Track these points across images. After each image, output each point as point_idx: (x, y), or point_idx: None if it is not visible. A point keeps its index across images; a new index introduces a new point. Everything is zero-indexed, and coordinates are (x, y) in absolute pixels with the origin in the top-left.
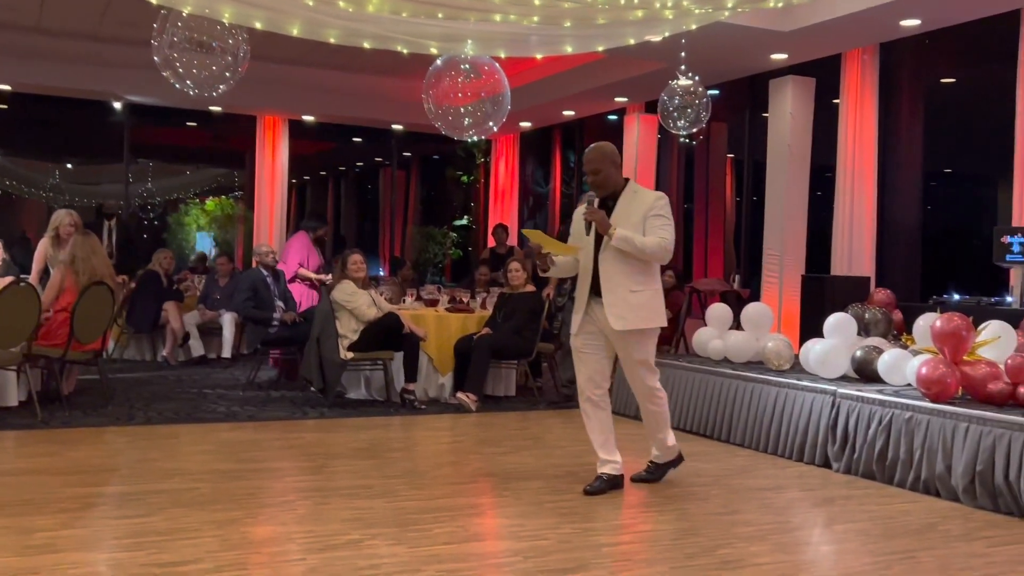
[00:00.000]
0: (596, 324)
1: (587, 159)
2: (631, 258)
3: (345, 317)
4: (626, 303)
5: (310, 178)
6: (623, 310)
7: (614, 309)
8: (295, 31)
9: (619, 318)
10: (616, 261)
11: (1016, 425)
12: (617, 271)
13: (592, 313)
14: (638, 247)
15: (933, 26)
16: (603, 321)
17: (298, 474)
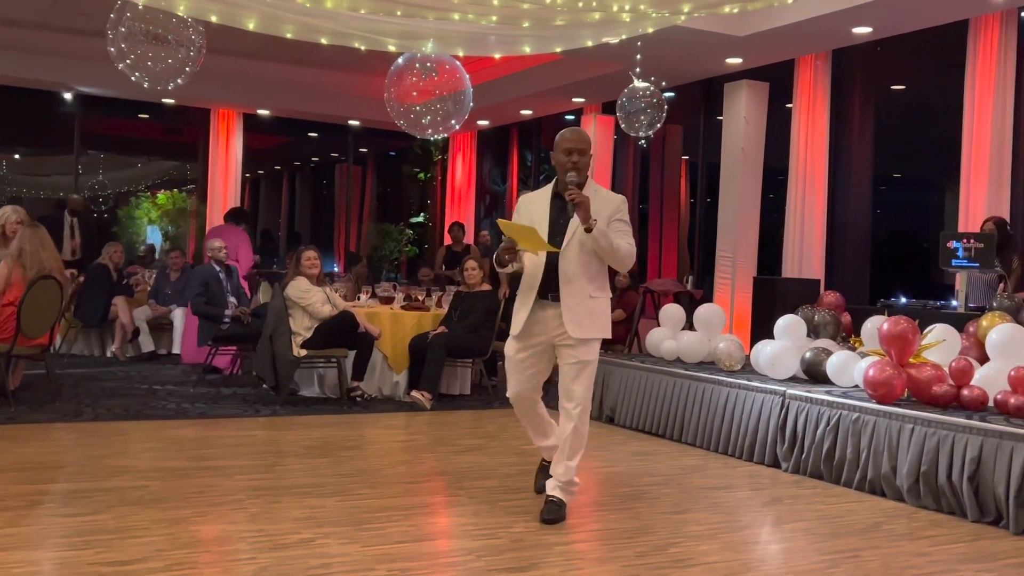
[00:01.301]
0: (543, 330)
1: (571, 138)
2: (594, 260)
3: (298, 314)
4: (585, 308)
5: (264, 172)
6: (581, 316)
7: (572, 314)
8: (251, 25)
9: (577, 325)
10: (580, 261)
11: (959, 427)
12: (579, 272)
13: (540, 316)
14: (613, 247)
15: (884, 34)
16: (553, 327)
17: (249, 472)
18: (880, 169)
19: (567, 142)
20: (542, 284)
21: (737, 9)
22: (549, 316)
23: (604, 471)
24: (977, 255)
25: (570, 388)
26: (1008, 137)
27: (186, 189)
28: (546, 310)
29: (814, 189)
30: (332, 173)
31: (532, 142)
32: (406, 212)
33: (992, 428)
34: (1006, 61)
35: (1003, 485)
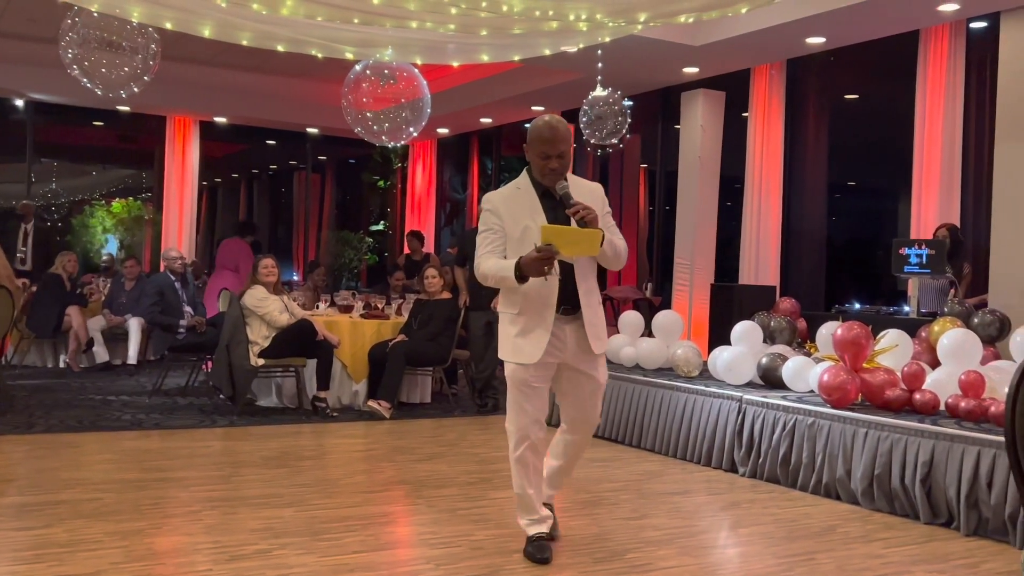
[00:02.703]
0: (560, 348)
1: (554, 138)
2: (594, 264)
3: (256, 323)
4: (600, 321)
5: (221, 180)
6: (599, 329)
7: (594, 329)
8: (207, 32)
9: (598, 339)
10: (588, 269)
11: (912, 430)
12: (591, 278)
13: (561, 337)
14: (617, 249)
15: (837, 44)
16: (571, 344)
17: (205, 483)
18: (834, 177)
19: (543, 143)
20: (562, 294)
21: (692, 19)
22: (567, 333)
23: None
24: (929, 261)
25: (589, 415)
26: (958, 145)
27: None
28: (563, 326)
29: (770, 197)
30: (291, 181)
31: (492, 150)
32: (366, 220)
33: (943, 432)
34: (955, 71)
35: (954, 487)
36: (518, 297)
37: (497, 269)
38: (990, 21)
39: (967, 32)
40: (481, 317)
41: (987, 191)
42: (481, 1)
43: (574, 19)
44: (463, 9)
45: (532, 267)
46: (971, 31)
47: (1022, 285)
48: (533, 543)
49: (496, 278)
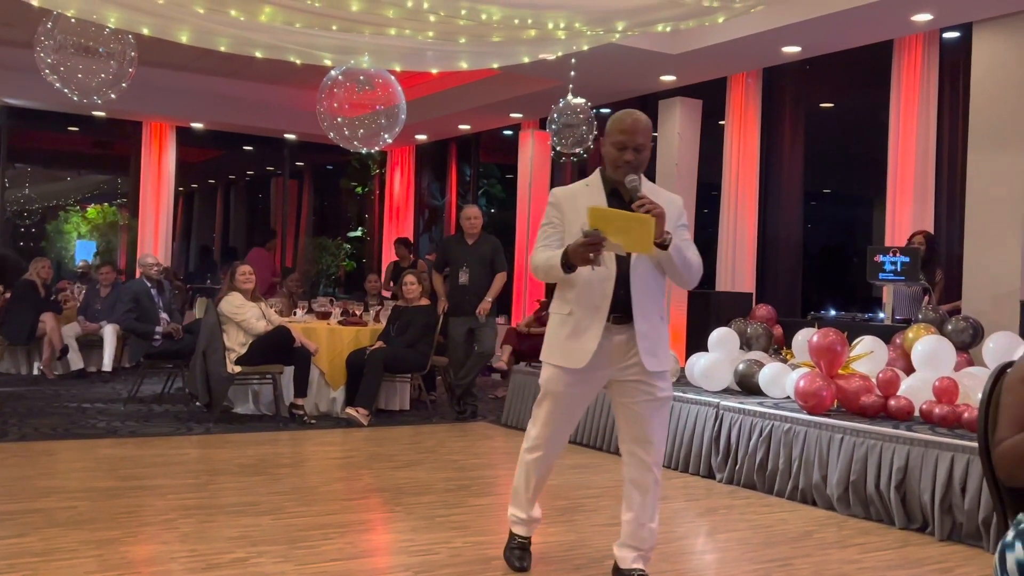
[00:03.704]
0: (606, 360)
1: (634, 127)
2: (660, 273)
3: (232, 330)
4: (658, 335)
5: (198, 186)
6: (656, 344)
7: (648, 343)
8: (184, 38)
9: (653, 355)
10: (649, 275)
11: (887, 436)
12: (652, 288)
13: (607, 347)
14: (687, 262)
15: (813, 53)
16: (619, 357)
17: (181, 491)
18: (810, 185)
19: (621, 134)
20: (616, 301)
21: (670, 28)
22: (615, 343)
23: None
24: (903, 269)
25: (647, 434)
26: (932, 154)
27: (117, 203)
28: (612, 336)
29: (746, 204)
30: (268, 187)
31: (470, 156)
32: (344, 226)
33: (918, 437)
34: (929, 80)
35: (928, 493)
36: (571, 297)
37: (546, 259)
38: (963, 31)
39: (940, 42)
40: (461, 323)
41: (960, 199)
42: (460, 9)
43: (553, 27)
44: (442, 16)
45: (578, 254)
46: (944, 41)
47: (995, 292)
48: (512, 549)
49: (545, 268)
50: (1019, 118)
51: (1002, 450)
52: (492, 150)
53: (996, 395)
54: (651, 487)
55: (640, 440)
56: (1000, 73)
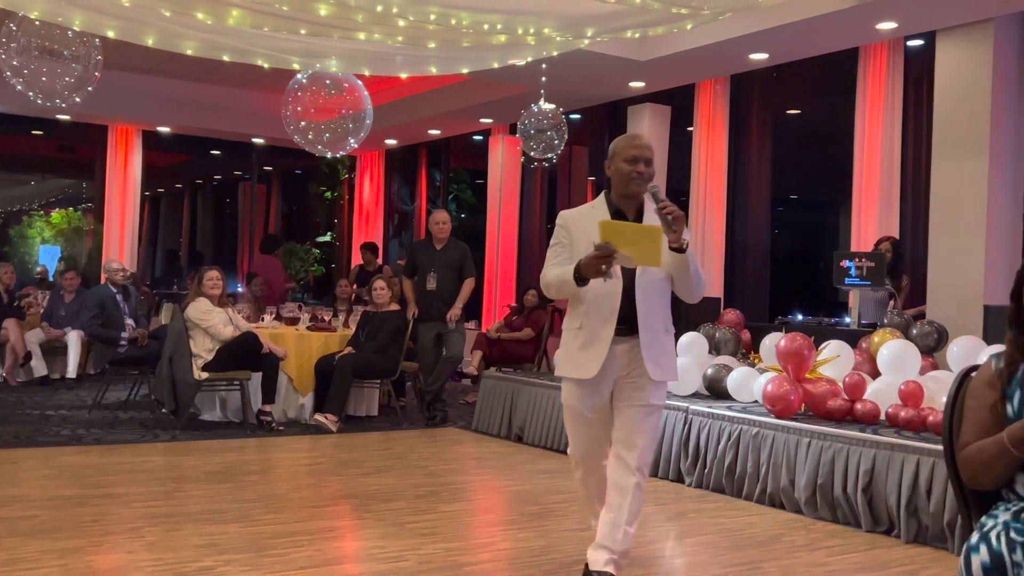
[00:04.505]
0: (611, 368)
1: (640, 144)
2: (666, 286)
3: (199, 336)
4: (662, 346)
5: (165, 191)
6: (660, 355)
7: (651, 352)
8: (150, 41)
9: (657, 365)
10: (655, 288)
11: (853, 440)
12: (656, 301)
13: (615, 355)
14: (698, 271)
15: (780, 60)
16: (622, 364)
17: (147, 499)
18: (777, 191)
19: (631, 149)
20: (623, 314)
21: (639, 34)
22: (622, 350)
23: (512, 490)
24: (869, 274)
25: (632, 437)
26: (896, 160)
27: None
28: (616, 347)
29: (714, 210)
30: (235, 191)
31: (440, 161)
32: (313, 231)
33: (884, 441)
34: (894, 87)
35: (895, 496)
36: (581, 311)
37: (558, 275)
38: (926, 40)
39: (904, 50)
40: (430, 329)
41: (925, 204)
42: (430, 14)
43: (522, 33)
44: (411, 21)
45: (590, 267)
46: (908, 49)
47: (959, 296)
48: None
49: (557, 284)
50: (982, 124)
51: (966, 455)
52: (462, 155)
53: (961, 399)
54: (632, 490)
55: (625, 443)
56: (963, 80)
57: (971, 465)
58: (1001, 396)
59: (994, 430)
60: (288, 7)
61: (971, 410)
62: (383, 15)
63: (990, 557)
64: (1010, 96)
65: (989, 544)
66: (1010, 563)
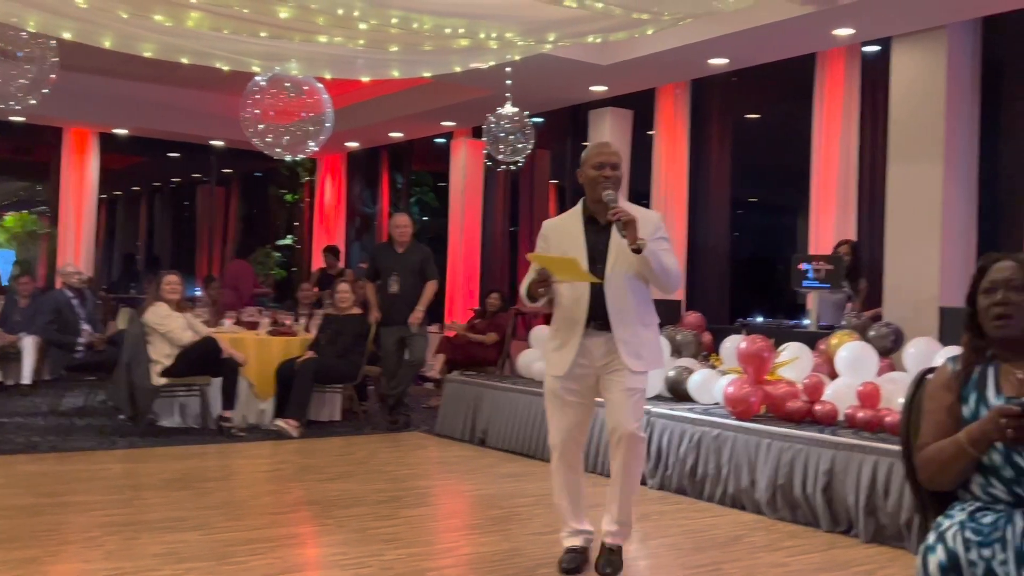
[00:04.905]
0: (590, 361)
1: (603, 151)
2: (640, 283)
3: (158, 341)
4: (640, 340)
5: (122, 193)
6: (638, 347)
7: (629, 347)
8: (107, 43)
9: (635, 356)
10: (627, 286)
11: (812, 441)
12: (628, 299)
13: (590, 349)
14: (665, 267)
15: (739, 65)
16: (600, 355)
17: (105, 507)
18: (737, 194)
19: (598, 156)
20: (592, 312)
21: (600, 39)
22: (596, 344)
23: (476, 494)
24: (827, 276)
25: (620, 414)
26: (853, 164)
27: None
28: (592, 338)
29: (675, 213)
30: (194, 194)
31: (403, 164)
32: (273, 234)
33: (843, 442)
34: (851, 92)
35: (853, 496)
36: (558, 314)
37: (522, 289)
38: (882, 46)
39: (861, 56)
40: (393, 333)
41: (881, 208)
42: (391, 17)
43: (484, 37)
44: (373, 25)
45: (530, 290)
46: (865, 55)
47: (915, 299)
48: (564, 554)
49: (520, 296)
50: (937, 129)
51: (924, 455)
52: (424, 158)
53: (918, 400)
54: (633, 463)
55: (616, 420)
56: (918, 86)
57: (929, 466)
58: (957, 398)
59: (952, 431)
60: (248, 10)
61: (929, 412)
62: (344, 18)
63: (946, 556)
64: (964, 101)
65: (945, 544)
66: (966, 562)
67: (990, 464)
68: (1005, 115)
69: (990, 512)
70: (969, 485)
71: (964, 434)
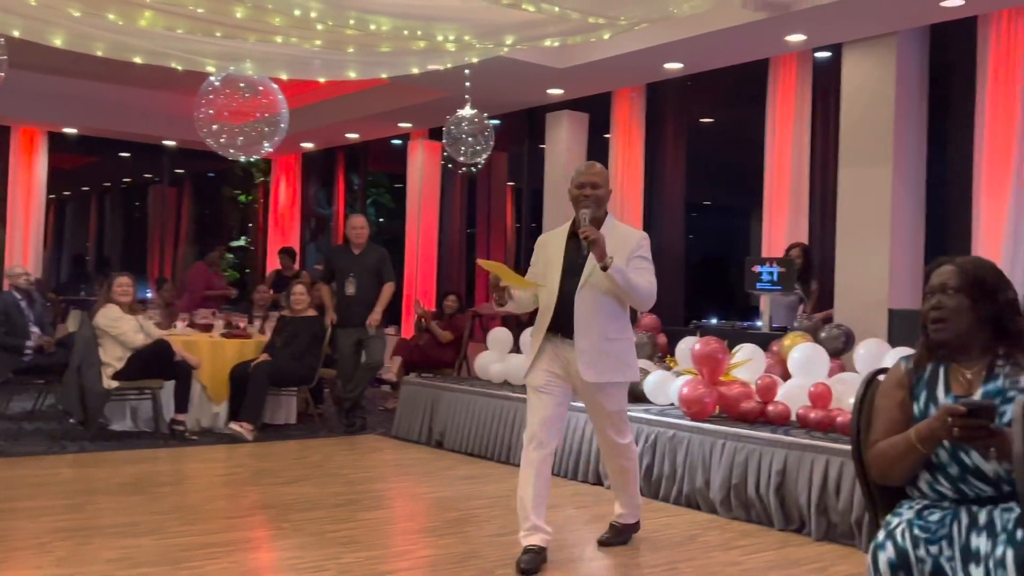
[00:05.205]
0: (564, 370)
1: (584, 172)
2: (611, 299)
3: (109, 344)
4: (599, 351)
5: (71, 194)
6: (595, 358)
7: (586, 357)
8: (58, 42)
9: (590, 367)
10: (595, 300)
11: (765, 441)
12: (595, 313)
13: (558, 355)
14: (632, 285)
15: (694, 70)
16: (572, 369)
17: (56, 513)
18: (692, 197)
19: (579, 176)
20: (558, 321)
21: (558, 43)
22: (561, 352)
23: (433, 496)
24: (779, 279)
25: (599, 438)
26: (805, 167)
27: None
28: (557, 347)
29: (631, 216)
30: (145, 195)
31: (359, 165)
32: (226, 235)
33: (795, 441)
34: (802, 98)
35: (805, 495)
36: (536, 321)
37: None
38: (833, 52)
39: (813, 61)
40: (350, 335)
41: (832, 211)
42: (349, 19)
43: (442, 40)
44: (330, 26)
45: (492, 295)
46: (816, 60)
47: (865, 301)
48: (523, 554)
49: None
50: (886, 134)
51: (876, 451)
52: (381, 159)
53: (868, 400)
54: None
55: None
56: (868, 91)
57: (880, 461)
58: (909, 395)
59: (903, 428)
60: (204, 9)
61: (881, 409)
62: (301, 19)
63: (895, 553)
64: (912, 106)
65: (895, 541)
66: (914, 559)
67: (937, 462)
68: (951, 121)
69: (937, 510)
70: (917, 482)
71: (914, 431)
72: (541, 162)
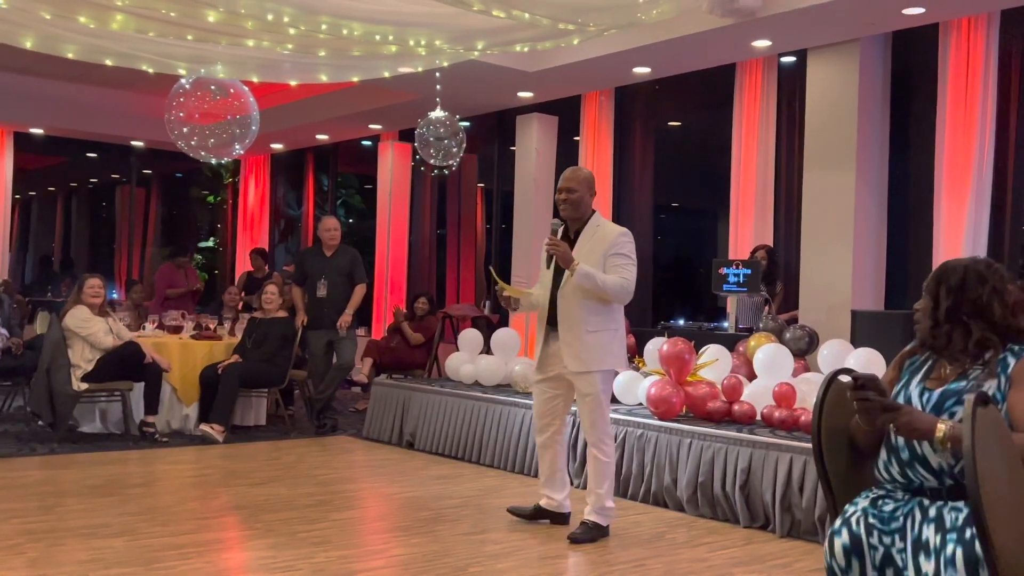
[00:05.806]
0: (555, 363)
1: (564, 177)
2: (590, 296)
3: (78, 345)
4: (582, 343)
5: (37, 194)
6: (578, 350)
7: (570, 348)
8: (28, 44)
9: (574, 358)
10: (575, 298)
11: (731, 440)
12: (575, 308)
13: (551, 349)
14: (599, 285)
15: (662, 74)
16: (561, 358)
17: (26, 515)
18: (660, 199)
19: (560, 182)
20: (550, 317)
21: (528, 48)
22: (553, 345)
23: (405, 496)
24: (745, 280)
25: (582, 423)
26: (771, 171)
27: None
28: (551, 340)
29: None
30: (112, 195)
31: (328, 166)
32: (194, 236)
33: (760, 440)
34: (768, 102)
35: (770, 492)
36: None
37: None
38: (798, 57)
39: (778, 67)
40: (321, 336)
41: (797, 214)
42: (321, 23)
43: (414, 44)
44: (302, 30)
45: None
46: (782, 66)
47: (829, 302)
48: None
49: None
50: (849, 138)
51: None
52: (350, 160)
53: (828, 400)
54: (591, 462)
55: (583, 427)
56: (832, 96)
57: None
58: (899, 376)
59: None
60: (176, 13)
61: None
62: (274, 24)
63: (850, 539)
64: (875, 111)
65: (850, 528)
66: (867, 545)
67: (895, 444)
68: (913, 126)
69: (891, 500)
70: (877, 462)
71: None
72: (512, 164)
